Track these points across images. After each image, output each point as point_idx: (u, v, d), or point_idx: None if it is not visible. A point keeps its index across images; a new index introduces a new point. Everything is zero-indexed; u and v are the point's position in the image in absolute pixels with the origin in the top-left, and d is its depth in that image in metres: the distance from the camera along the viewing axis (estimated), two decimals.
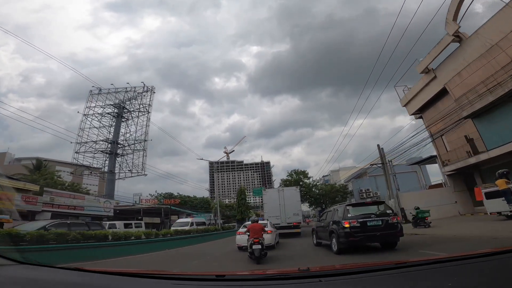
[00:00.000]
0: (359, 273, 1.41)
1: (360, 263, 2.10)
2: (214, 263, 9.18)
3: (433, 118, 19.66)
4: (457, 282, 1.20)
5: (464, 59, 17.29)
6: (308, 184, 39.22)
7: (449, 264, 1.43)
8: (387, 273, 1.39)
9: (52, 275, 1.53)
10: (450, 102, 18.18)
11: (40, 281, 1.41)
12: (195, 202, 77.22)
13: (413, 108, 22.17)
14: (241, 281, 1.58)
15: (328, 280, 1.31)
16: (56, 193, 21.09)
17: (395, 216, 8.22)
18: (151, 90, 45.93)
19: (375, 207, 8.67)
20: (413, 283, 1.27)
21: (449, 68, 18.45)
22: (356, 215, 8.09)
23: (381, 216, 8.07)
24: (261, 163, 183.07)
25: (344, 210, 8.48)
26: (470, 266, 1.38)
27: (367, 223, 7.87)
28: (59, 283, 1.41)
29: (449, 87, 18.17)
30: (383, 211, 8.35)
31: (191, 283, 1.48)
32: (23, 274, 1.46)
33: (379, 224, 7.88)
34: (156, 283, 1.46)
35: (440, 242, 9.25)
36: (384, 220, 7.93)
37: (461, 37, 17.78)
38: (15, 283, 1.35)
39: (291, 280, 1.40)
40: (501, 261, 1.43)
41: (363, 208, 8.71)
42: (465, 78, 16.97)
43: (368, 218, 7.97)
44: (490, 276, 1.29)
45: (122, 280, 1.48)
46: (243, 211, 38.45)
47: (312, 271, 1.44)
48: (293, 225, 17.14)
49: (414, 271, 1.39)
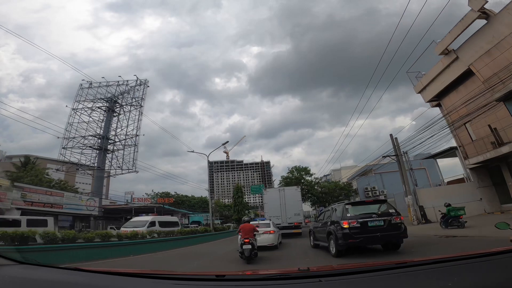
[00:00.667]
0: (359, 273, 1.40)
1: (360, 263, 2.21)
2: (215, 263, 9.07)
3: (453, 104, 17.41)
4: (457, 282, 1.20)
5: (494, 36, 15.09)
6: (310, 182, 36.85)
7: (449, 264, 1.42)
8: (387, 273, 1.38)
9: (52, 275, 1.53)
10: (475, 85, 15.90)
11: (40, 281, 1.41)
12: (193, 201, 75.14)
13: (430, 95, 19.86)
14: (241, 281, 1.58)
15: (328, 280, 1.30)
16: (29, 189, 18.71)
17: (398, 216, 7.70)
18: (144, 83, 43.79)
19: (376, 206, 8.20)
20: (413, 283, 1.28)
21: (475, 47, 16.19)
22: (356, 215, 7.67)
23: (383, 215, 7.62)
24: (261, 163, 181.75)
25: (343, 209, 8.01)
26: (470, 266, 1.37)
27: (368, 223, 7.47)
28: (59, 283, 1.40)
29: (475, 68, 15.90)
30: (385, 210, 7.85)
31: (191, 283, 1.48)
32: (23, 274, 1.47)
33: (381, 225, 7.46)
34: (156, 283, 1.45)
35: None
36: (386, 220, 7.50)
37: (488, 14, 15.58)
38: (15, 283, 1.36)
39: (291, 280, 1.40)
40: (501, 261, 1.41)
41: (364, 207, 8.28)
42: (495, 57, 14.74)
43: (369, 218, 7.55)
44: (490, 276, 1.28)
45: (122, 280, 1.49)
46: (240, 210, 35.29)
47: (312, 271, 1.44)
48: (294, 225, 16.77)
49: (414, 271, 1.39)
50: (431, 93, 19.67)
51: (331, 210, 9.20)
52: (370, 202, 9.01)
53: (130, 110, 39.75)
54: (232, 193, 36.72)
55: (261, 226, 11.28)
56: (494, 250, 1.49)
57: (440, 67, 18.74)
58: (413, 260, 1.58)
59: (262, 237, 10.57)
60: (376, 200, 10.62)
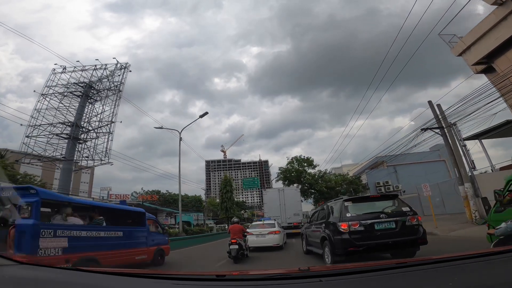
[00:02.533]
0: (359, 273, 1.40)
1: (360, 263, 2.08)
2: None
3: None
4: (457, 282, 1.20)
5: None
6: (313, 176, 31.76)
7: (449, 264, 1.41)
8: (387, 273, 1.38)
9: (52, 275, 1.53)
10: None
11: (40, 281, 1.41)
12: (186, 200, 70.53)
13: (476, 56, 15.13)
14: (241, 281, 1.56)
15: (329, 280, 1.30)
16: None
17: (414, 216, 6.09)
18: (125, 67, 39.09)
19: (385, 203, 6.58)
20: (413, 283, 1.29)
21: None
22: (359, 215, 6.07)
23: (394, 215, 6.04)
24: (259, 162, 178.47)
25: (341, 207, 6.32)
26: (470, 266, 1.37)
27: (374, 225, 5.90)
28: (59, 283, 1.40)
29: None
30: (397, 208, 6.27)
31: (191, 283, 1.47)
32: (23, 274, 1.46)
33: (392, 227, 5.91)
34: (156, 283, 1.45)
35: None
36: (399, 221, 5.94)
37: None
38: (15, 283, 1.35)
39: (291, 280, 1.40)
40: (501, 261, 1.41)
41: (368, 204, 6.68)
42: None
43: (376, 219, 5.97)
44: (490, 276, 1.27)
45: (122, 280, 1.48)
46: (229, 208, 28.12)
47: (312, 271, 1.43)
48: (293, 225, 16.60)
49: (414, 271, 1.39)
50: (479, 53, 14.92)
51: (326, 209, 7.41)
52: (376, 198, 7.53)
53: (107, 95, 34.92)
54: (219, 187, 30.75)
55: (266, 227, 11.62)
56: (494, 250, 1.61)
57: (493, 21, 14.06)
58: (413, 260, 1.68)
59: (268, 237, 11.02)
60: (384, 195, 9.04)
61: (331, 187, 30.46)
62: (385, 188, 29.81)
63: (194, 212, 55.13)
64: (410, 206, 6.43)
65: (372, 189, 30.46)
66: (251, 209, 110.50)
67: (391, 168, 31.17)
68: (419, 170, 30.61)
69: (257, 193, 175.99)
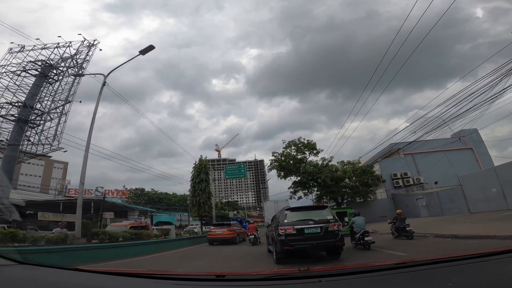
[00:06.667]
0: (359, 273, 1.40)
1: (360, 263, 2.16)
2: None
3: None
4: (457, 282, 1.19)
5: None
6: (316, 164, 25.73)
7: (449, 264, 1.42)
8: (387, 273, 1.38)
9: (52, 275, 1.52)
10: None
11: (40, 281, 1.40)
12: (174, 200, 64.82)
13: None
14: (241, 281, 1.56)
15: (328, 280, 1.29)
16: None
17: (335, 223, 7.29)
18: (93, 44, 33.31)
19: (316, 212, 7.84)
20: (413, 283, 1.28)
21: None
22: (294, 221, 7.37)
23: (320, 222, 7.24)
24: (254, 161, 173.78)
25: (282, 215, 7.88)
26: (470, 266, 1.37)
27: (304, 230, 7.13)
28: (59, 283, 1.39)
29: None
30: (324, 217, 7.47)
31: (191, 283, 1.47)
32: (23, 274, 1.46)
33: (317, 232, 7.13)
34: (156, 283, 1.44)
35: None
36: (323, 227, 7.14)
37: None
38: (15, 283, 1.34)
39: (291, 280, 1.40)
40: (501, 261, 1.41)
41: (304, 213, 7.86)
42: None
43: (306, 224, 7.19)
44: (490, 276, 1.27)
45: (122, 280, 1.48)
46: (203, 203, 20.65)
47: (312, 271, 1.43)
48: None
49: (414, 271, 1.38)
50: None
51: (277, 215, 8.81)
52: (311, 208, 8.93)
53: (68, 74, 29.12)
54: (192, 175, 23.12)
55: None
56: (494, 250, 1.51)
57: None
58: (413, 260, 1.59)
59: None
60: (317, 206, 11.25)
61: (338, 178, 24.62)
62: (403, 180, 24.48)
63: (181, 212, 49.58)
64: (335, 215, 7.67)
65: (389, 181, 25.06)
66: (242, 209, 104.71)
67: (409, 157, 25.82)
68: (442, 159, 25.38)
69: (252, 193, 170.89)
